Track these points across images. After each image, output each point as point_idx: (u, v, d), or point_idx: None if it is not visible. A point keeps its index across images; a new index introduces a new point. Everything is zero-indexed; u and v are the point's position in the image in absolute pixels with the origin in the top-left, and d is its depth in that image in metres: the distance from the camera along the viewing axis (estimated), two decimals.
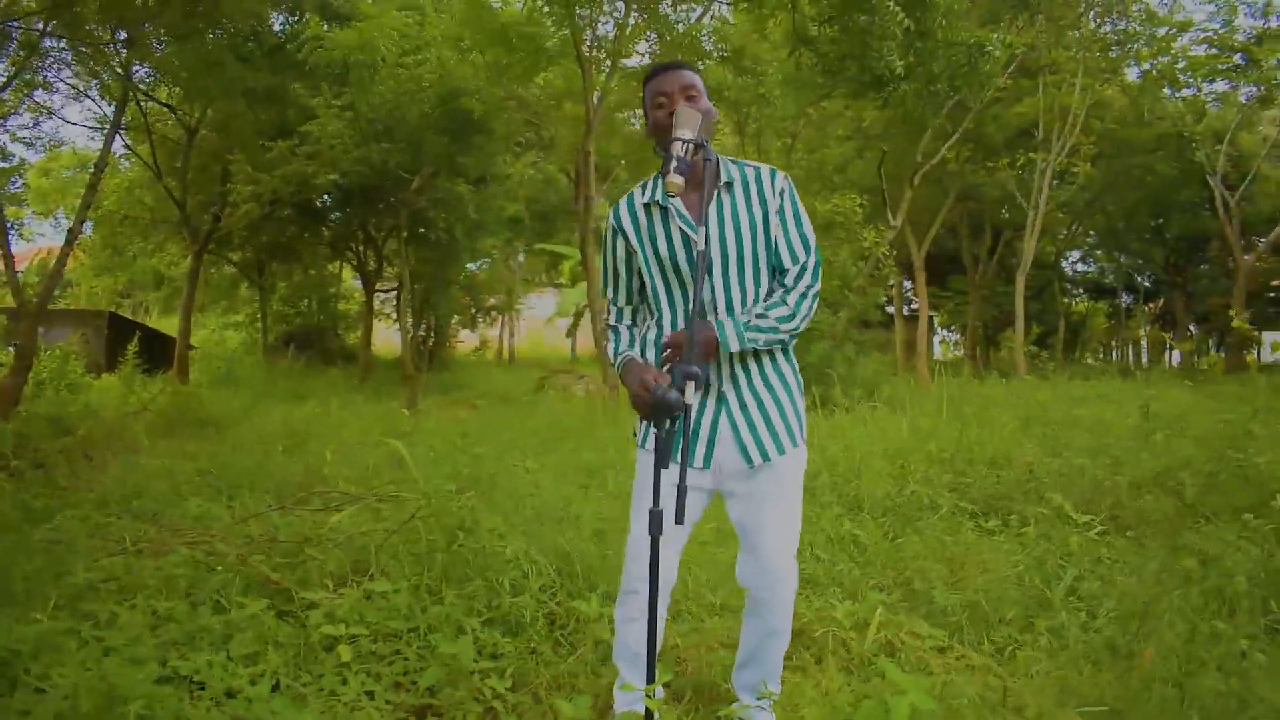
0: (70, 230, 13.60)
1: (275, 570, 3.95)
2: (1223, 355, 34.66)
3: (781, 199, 2.66)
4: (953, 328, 38.76)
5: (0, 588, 3.73)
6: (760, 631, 2.77)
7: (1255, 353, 38.06)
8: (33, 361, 12.95)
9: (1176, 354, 38.88)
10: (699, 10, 14.32)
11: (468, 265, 27.28)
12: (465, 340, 33.92)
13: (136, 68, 15.28)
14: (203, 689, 2.97)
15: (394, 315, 27.87)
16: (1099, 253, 39.95)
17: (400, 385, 18.04)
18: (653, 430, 2.63)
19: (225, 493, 6.28)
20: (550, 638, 3.64)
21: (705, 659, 3.49)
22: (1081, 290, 42.36)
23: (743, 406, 2.66)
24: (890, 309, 26.80)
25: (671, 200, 2.62)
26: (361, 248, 23.59)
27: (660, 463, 2.41)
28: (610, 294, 2.84)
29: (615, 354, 2.75)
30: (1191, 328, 37.71)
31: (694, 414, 2.64)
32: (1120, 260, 38.25)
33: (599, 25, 14.57)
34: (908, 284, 30.05)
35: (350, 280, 31.02)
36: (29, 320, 12.67)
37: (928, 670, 3.39)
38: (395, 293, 25.81)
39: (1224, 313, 33.80)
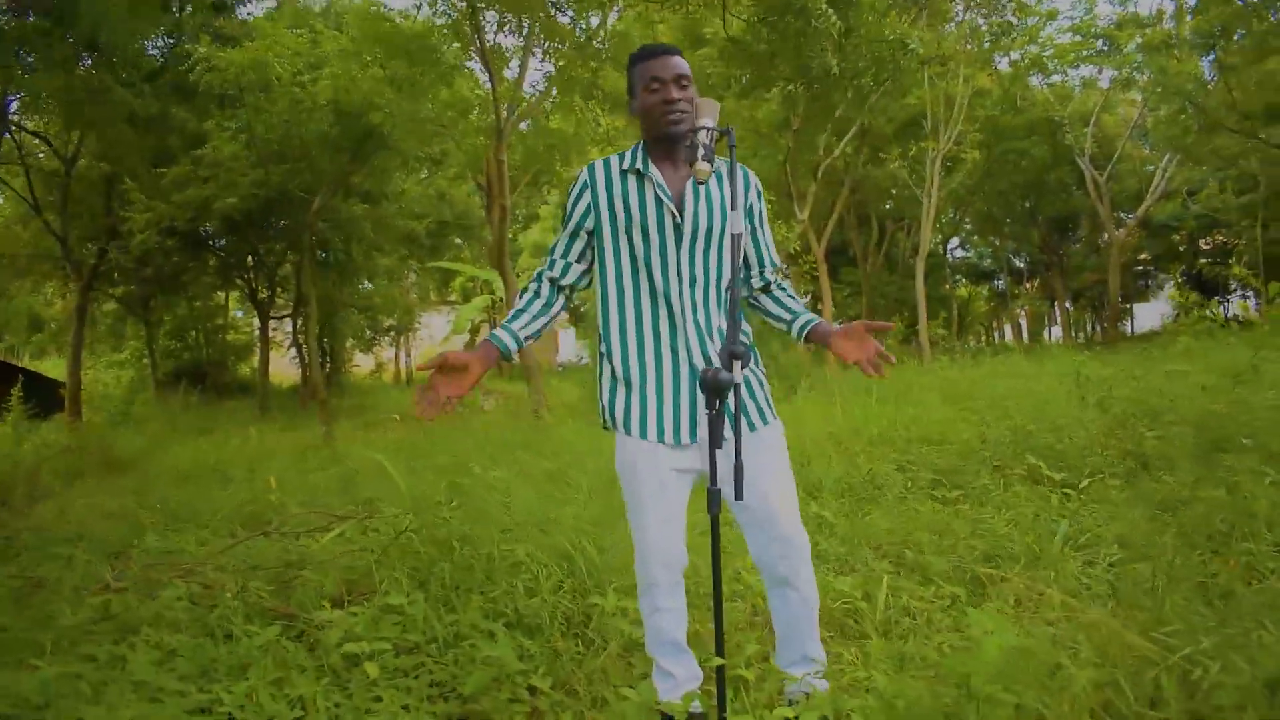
0: None
1: (270, 595, 3.82)
2: (1099, 328, 36.39)
3: (758, 199, 2.75)
4: (844, 319, 39.71)
5: None
6: (791, 603, 2.76)
7: (1129, 324, 40.14)
8: None
9: (1057, 330, 40.64)
10: (596, 18, 14.35)
11: (362, 285, 26.80)
12: (360, 364, 33.31)
13: (9, 98, 14.60)
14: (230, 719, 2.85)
15: (286, 344, 27.21)
16: (976, 238, 41.51)
17: (303, 414, 17.62)
18: (678, 407, 2.62)
19: (176, 527, 6.02)
20: (570, 636, 3.60)
21: (733, 640, 3.48)
22: (962, 275, 43.93)
23: None
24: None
25: (651, 170, 2.62)
26: (252, 274, 22.93)
27: (715, 443, 2.41)
28: (554, 252, 2.78)
29: (513, 315, 2.70)
30: (1068, 304, 39.46)
31: (670, 390, 2.64)
32: (996, 244, 39.81)
33: (495, 35, 14.48)
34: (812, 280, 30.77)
35: (235, 311, 30.18)
36: None
37: (954, 628, 3.45)
38: (289, 319, 25.20)
39: (1098, 287, 35.47)
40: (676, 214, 2.57)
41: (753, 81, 15.27)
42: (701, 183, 2.56)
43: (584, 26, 14.38)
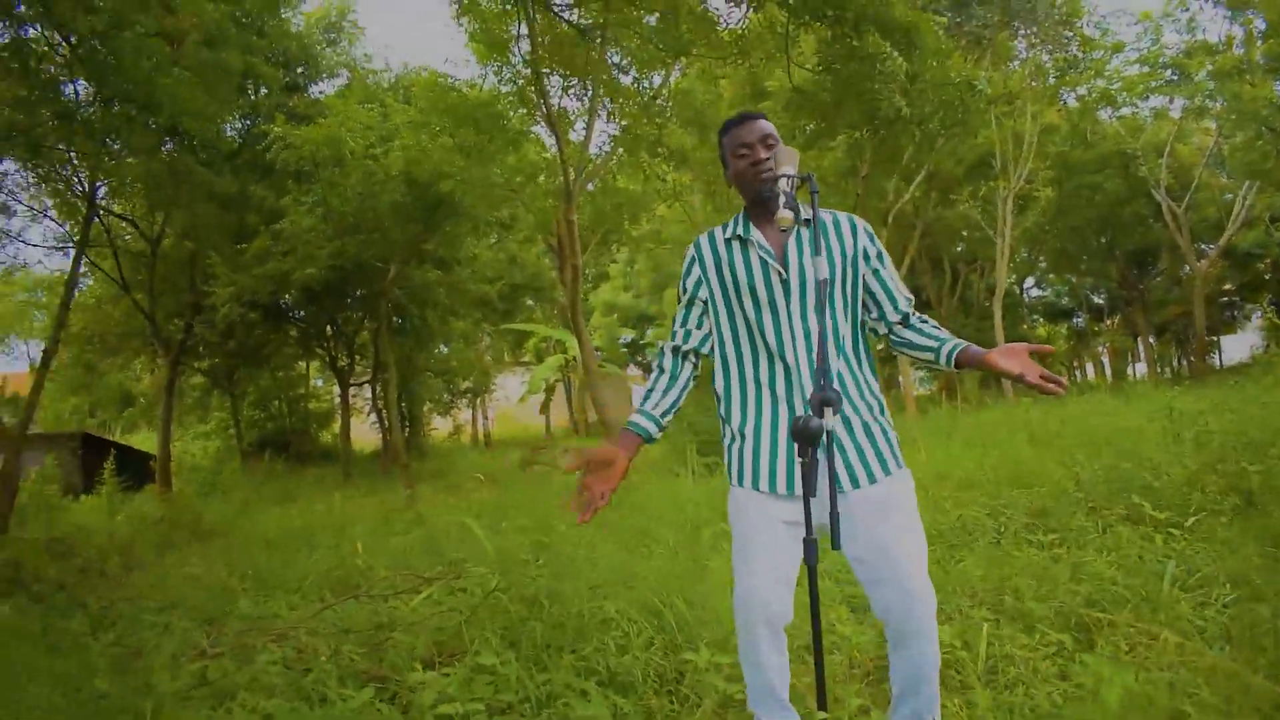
0: (45, 351, 13.49)
1: (361, 658, 3.83)
2: (1186, 362, 35.33)
3: (870, 241, 2.72)
4: (918, 365, 39.17)
5: (86, 705, 3.57)
6: (913, 662, 2.64)
7: (1217, 357, 38.92)
8: (17, 488, 12.71)
9: (1141, 366, 39.55)
10: (659, 77, 14.56)
11: (439, 350, 27.22)
12: (439, 427, 33.68)
13: (98, 184, 15.25)
14: None
15: (366, 410, 27.65)
16: (1052, 276, 40.74)
17: (385, 478, 17.82)
18: (785, 457, 2.58)
19: (266, 593, 6.10)
20: (664, 693, 3.53)
21: (834, 693, 3.38)
22: (1039, 315, 43.11)
23: (849, 429, 2.63)
24: None
25: (752, 234, 2.65)
26: (331, 343, 23.43)
27: (809, 491, 2.35)
28: (676, 323, 2.83)
29: (645, 396, 2.75)
30: (1151, 339, 38.44)
31: (784, 442, 2.60)
32: (1073, 281, 39.02)
33: (560, 99, 14.77)
34: None
35: (315, 379, 30.78)
36: (11, 447, 12.46)
37: (1061, 676, 3.32)
38: (369, 385, 25.64)
39: (1182, 320, 34.52)
40: (782, 270, 2.59)
41: (817, 131, 15.32)
42: (784, 231, 2.56)
43: (647, 86, 14.60)
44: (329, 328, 23.00)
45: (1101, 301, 41.24)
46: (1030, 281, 40.11)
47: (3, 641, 5.18)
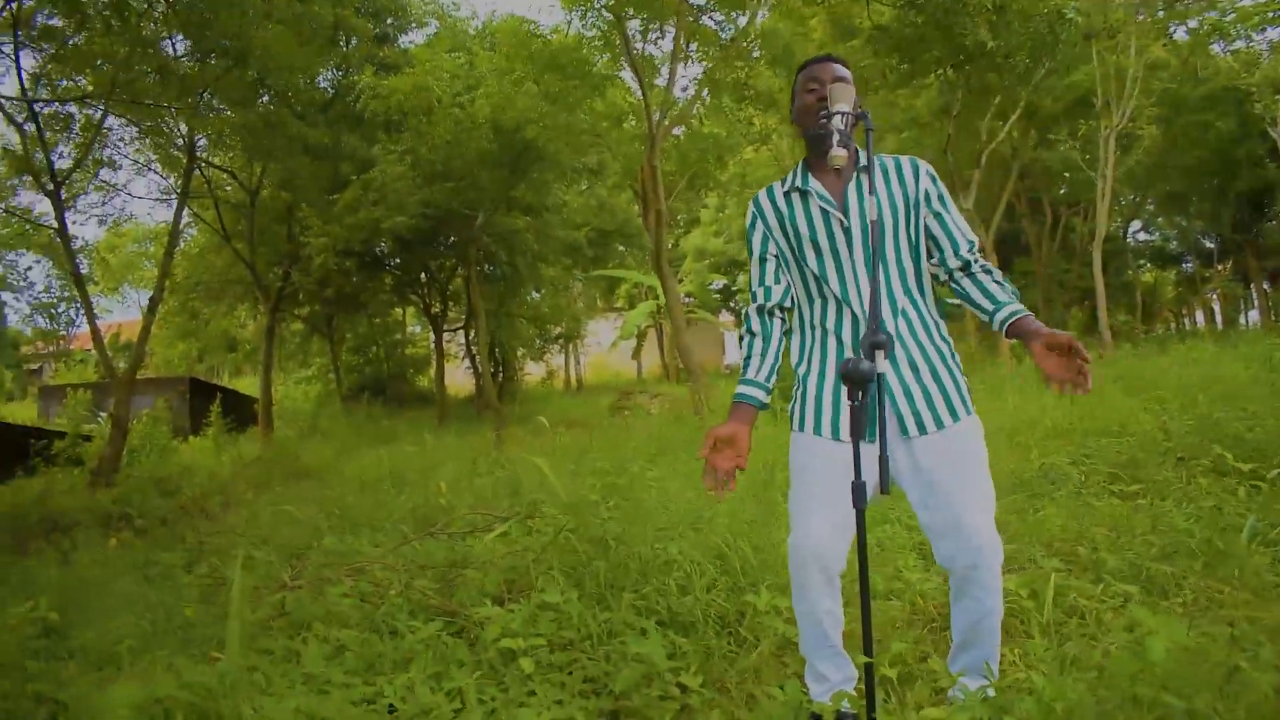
0: (151, 299, 14.00)
1: (434, 594, 3.95)
2: None
3: (933, 183, 2.67)
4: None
5: (172, 631, 3.78)
6: (974, 612, 2.60)
7: None
8: (128, 429, 13.34)
9: (1255, 314, 37.90)
10: (744, 17, 14.29)
11: (530, 296, 27.47)
12: (532, 372, 34.09)
13: (198, 137, 15.70)
14: (392, 710, 2.96)
15: (460, 354, 28.11)
16: (1160, 220, 39.06)
17: (478, 421, 18.17)
18: (845, 403, 2.55)
19: (352, 529, 6.32)
20: (724, 634, 3.58)
21: (899, 637, 3.39)
22: (1146, 260, 41.44)
23: (916, 373, 2.59)
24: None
25: (811, 184, 2.62)
26: (425, 290, 23.85)
27: (857, 434, 2.34)
28: (752, 293, 2.83)
29: (742, 375, 2.75)
30: (1266, 285, 36.74)
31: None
32: (1183, 225, 37.39)
33: (645, 45, 14.63)
34: None
35: (412, 325, 31.34)
36: (122, 391, 13.05)
37: (1128, 628, 3.26)
38: (462, 331, 26.06)
39: None
40: (843, 218, 2.57)
41: (910, 70, 14.88)
42: (838, 170, 2.57)
43: (732, 27, 14.37)
44: (423, 275, 23.38)
45: (1212, 246, 39.44)
46: (1137, 225, 38.53)
47: (107, 573, 5.51)
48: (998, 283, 2.62)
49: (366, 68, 15.45)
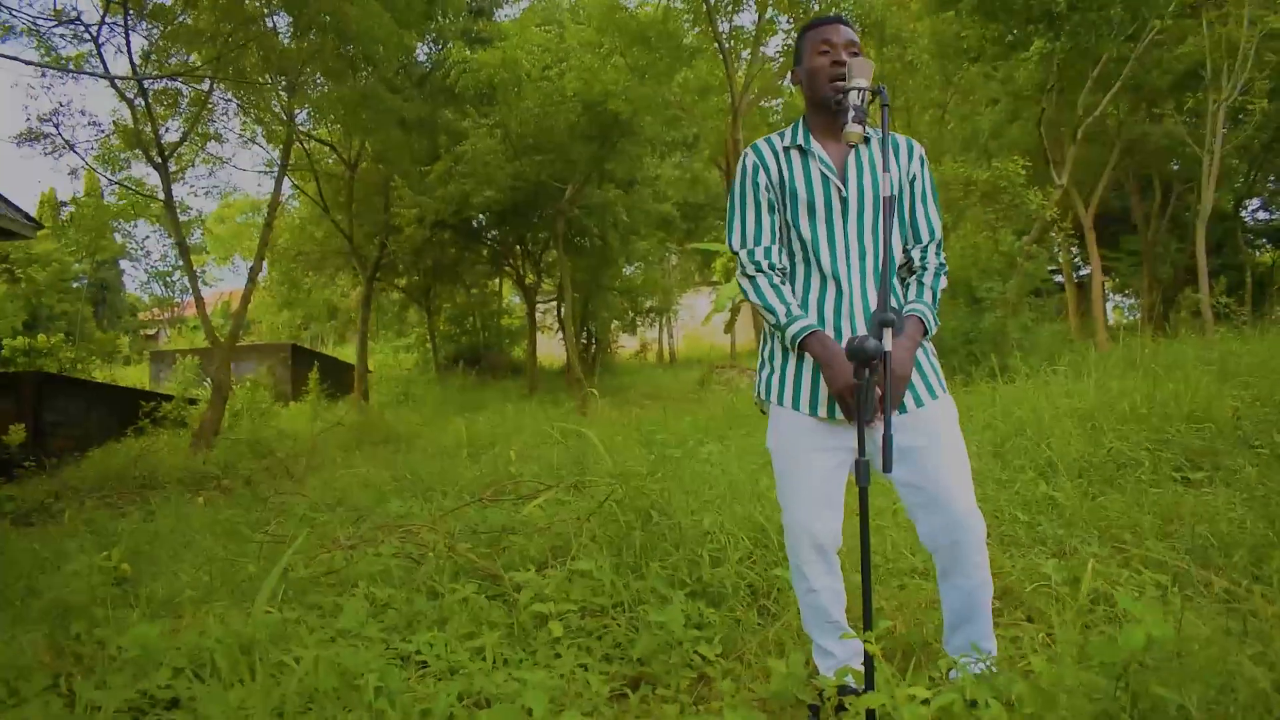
0: (251, 269, 14.50)
1: (481, 557, 4.08)
2: None
3: (922, 168, 2.63)
4: (1126, 291, 36.64)
5: (232, 584, 3.99)
6: (963, 590, 2.58)
7: None
8: (229, 394, 13.92)
9: None
10: None
11: (623, 270, 27.57)
12: (625, 345, 34.27)
13: (297, 111, 16.16)
14: (425, 666, 3.09)
15: (555, 326, 28.43)
16: None
17: (566, 393, 18.39)
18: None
19: (420, 494, 6.52)
20: (753, 606, 3.62)
21: (913, 617, 3.39)
22: (1265, 240, 39.45)
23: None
24: (1059, 277, 25.51)
25: (813, 145, 2.57)
26: (520, 262, 24.19)
27: (862, 413, 2.34)
28: (745, 237, 2.65)
29: (787, 314, 2.55)
30: None
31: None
32: None
33: (733, 18, 14.54)
34: (1075, 249, 28.58)
35: (510, 297, 31.80)
36: (223, 357, 13.62)
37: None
38: (555, 303, 26.35)
39: None
40: (841, 186, 2.53)
41: (1014, 41, 14.38)
42: (852, 145, 2.52)
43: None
44: (517, 247, 23.70)
45: None
46: (1257, 204, 36.68)
47: (185, 528, 5.81)
48: (920, 285, 2.61)
49: (457, 42, 15.67)
